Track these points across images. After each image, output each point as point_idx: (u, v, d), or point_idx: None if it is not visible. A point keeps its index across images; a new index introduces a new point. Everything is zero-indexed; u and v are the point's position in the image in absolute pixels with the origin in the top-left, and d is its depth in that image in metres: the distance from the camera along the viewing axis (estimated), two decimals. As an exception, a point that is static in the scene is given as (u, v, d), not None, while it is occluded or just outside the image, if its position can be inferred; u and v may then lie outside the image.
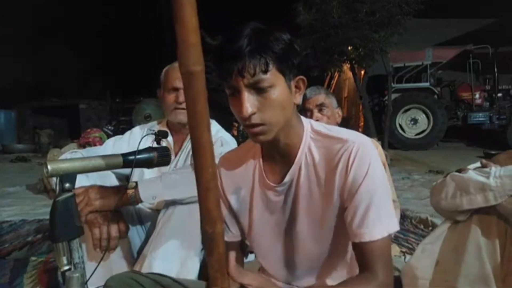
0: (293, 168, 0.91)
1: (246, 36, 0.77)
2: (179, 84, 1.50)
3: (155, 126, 1.68)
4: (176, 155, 1.58)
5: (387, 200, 0.86)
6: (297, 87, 0.87)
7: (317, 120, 1.69)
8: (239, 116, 0.81)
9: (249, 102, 0.79)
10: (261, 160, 0.96)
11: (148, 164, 1.14)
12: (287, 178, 0.91)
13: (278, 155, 0.92)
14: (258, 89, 0.79)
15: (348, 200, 0.85)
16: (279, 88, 0.81)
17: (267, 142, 0.86)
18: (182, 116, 1.52)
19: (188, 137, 1.59)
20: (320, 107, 1.78)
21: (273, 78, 0.79)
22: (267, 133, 0.83)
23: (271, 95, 0.80)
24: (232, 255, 0.69)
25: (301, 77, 0.87)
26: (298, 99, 0.87)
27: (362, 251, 0.83)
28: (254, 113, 0.80)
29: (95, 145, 4.26)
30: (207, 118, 0.58)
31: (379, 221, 0.82)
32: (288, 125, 0.87)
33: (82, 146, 4.34)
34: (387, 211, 0.85)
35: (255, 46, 0.77)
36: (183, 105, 1.49)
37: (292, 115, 0.87)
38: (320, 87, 1.87)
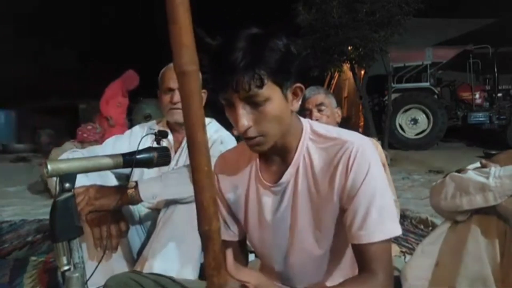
0: (291, 169, 0.90)
1: (240, 49, 0.75)
2: (173, 84, 1.51)
3: (155, 125, 1.68)
4: (175, 152, 1.59)
5: (388, 202, 0.85)
6: (294, 94, 0.85)
7: (316, 120, 1.69)
8: (235, 128, 0.80)
9: (244, 117, 0.78)
10: (257, 159, 0.96)
11: (148, 164, 1.14)
12: (283, 179, 0.91)
13: (275, 155, 0.92)
14: (254, 103, 0.78)
15: (348, 202, 0.85)
16: (275, 100, 0.79)
17: (266, 151, 0.86)
18: (177, 116, 1.53)
19: None
20: (319, 106, 1.78)
21: (268, 92, 0.78)
22: (264, 144, 0.83)
23: (267, 109, 0.79)
24: (230, 252, 0.69)
25: (299, 85, 0.85)
26: (296, 106, 0.86)
27: (361, 253, 0.83)
28: (250, 127, 0.79)
29: (89, 137, 4.31)
30: (202, 117, 0.59)
31: (380, 224, 0.82)
32: (286, 130, 0.87)
33: (80, 143, 4.37)
34: (388, 214, 0.84)
35: (249, 61, 0.74)
36: (178, 105, 1.51)
37: (289, 122, 0.86)
38: (319, 87, 1.87)
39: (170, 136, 1.60)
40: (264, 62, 0.76)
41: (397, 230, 0.85)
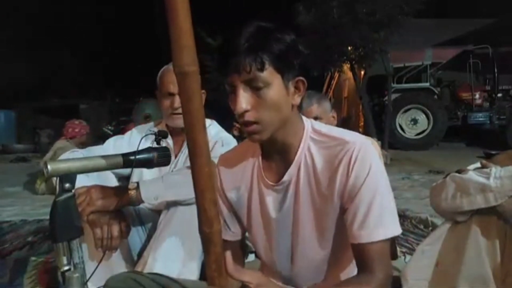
0: (292, 168, 0.91)
1: (246, 34, 0.78)
2: (173, 89, 1.49)
3: (153, 127, 1.67)
4: (176, 156, 1.58)
5: (389, 201, 0.85)
6: (296, 87, 0.86)
7: None
8: (234, 112, 0.82)
9: (243, 99, 0.80)
10: (260, 158, 0.96)
11: (148, 164, 1.14)
12: (285, 178, 0.91)
13: (277, 154, 0.92)
14: (254, 87, 0.80)
15: (348, 202, 0.85)
16: (275, 87, 0.81)
17: (263, 141, 0.86)
18: (179, 121, 1.52)
19: None
20: (314, 119, 1.76)
21: (269, 77, 0.79)
22: (261, 133, 0.83)
23: (266, 94, 0.80)
24: (229, 253, 0.69)
25: (301, 78, 0.86)
26: (297, 100, 0.87)
27: (361, 252, 0.83)
28: (248, 110, 0.80)
29: (81, 130, 4.52)
30: (202, 118, 0.58)
31: (380, 224, 0.82)
32: (286, 125, 0.87)
33: (71, 139, 4.46)
34: (389, 213, 0.84)
35: (252, 44, 0.77)
36: (179, 110, 1.49)
37: (289, 116, 0.87)
38: (311, 96, 1.80)
39: (170, 140, 1.59)
40: (268, 48, 0.78)
41: (397, 230, 0.85)
